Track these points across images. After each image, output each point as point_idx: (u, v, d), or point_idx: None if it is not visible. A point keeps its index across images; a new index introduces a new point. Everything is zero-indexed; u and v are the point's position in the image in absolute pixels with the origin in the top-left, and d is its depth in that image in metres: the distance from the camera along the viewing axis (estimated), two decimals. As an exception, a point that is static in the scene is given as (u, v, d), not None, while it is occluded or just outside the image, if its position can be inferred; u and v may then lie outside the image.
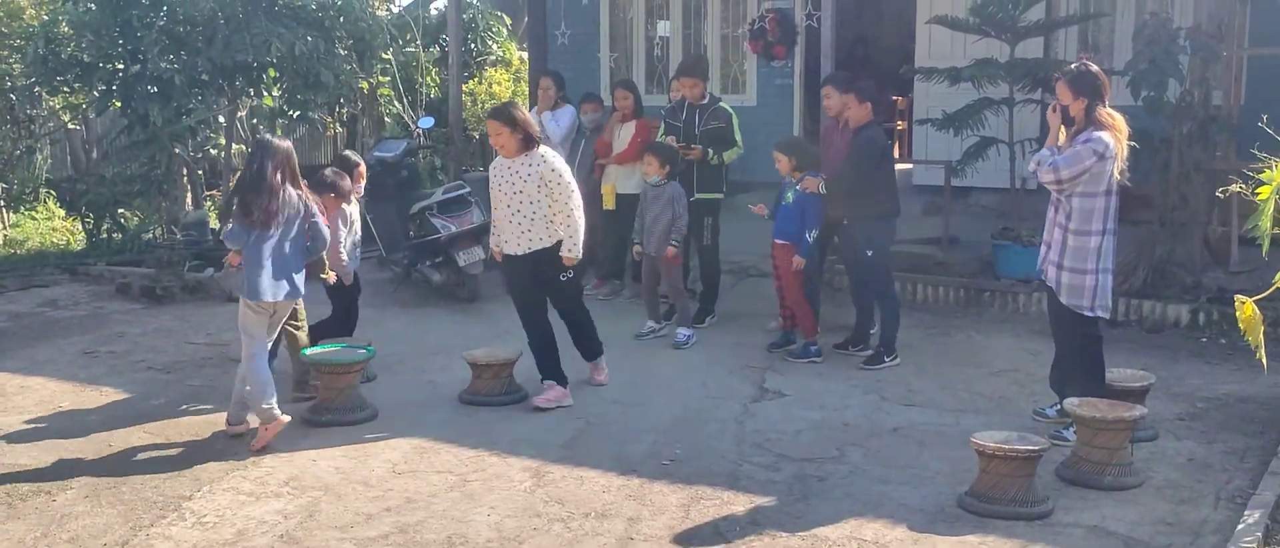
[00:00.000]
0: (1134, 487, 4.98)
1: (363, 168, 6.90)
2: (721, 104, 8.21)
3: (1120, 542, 4.48)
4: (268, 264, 5.50)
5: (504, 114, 6.13)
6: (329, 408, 5.94)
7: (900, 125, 13.28)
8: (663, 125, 8.32)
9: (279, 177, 5.53)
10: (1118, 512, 4.73)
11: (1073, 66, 5.59)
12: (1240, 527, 4.48)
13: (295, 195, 5.62)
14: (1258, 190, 5.75)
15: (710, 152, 7.91)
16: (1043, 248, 5.56)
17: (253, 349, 5.57)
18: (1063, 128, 5.51)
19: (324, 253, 5.94)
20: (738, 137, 8.09)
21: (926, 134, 10.24)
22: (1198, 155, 8.00)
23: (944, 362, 7.10)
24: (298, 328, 6.18)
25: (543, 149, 6.22)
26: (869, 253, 7.02)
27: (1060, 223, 5.41)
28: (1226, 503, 4.85)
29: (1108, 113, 5.39)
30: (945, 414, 6.09)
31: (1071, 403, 5.21)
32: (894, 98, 13.24)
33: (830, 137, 7.68)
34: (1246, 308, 5.25)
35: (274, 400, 5.51)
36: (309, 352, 6.07)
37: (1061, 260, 5.42)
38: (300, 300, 5.90)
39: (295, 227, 5.59)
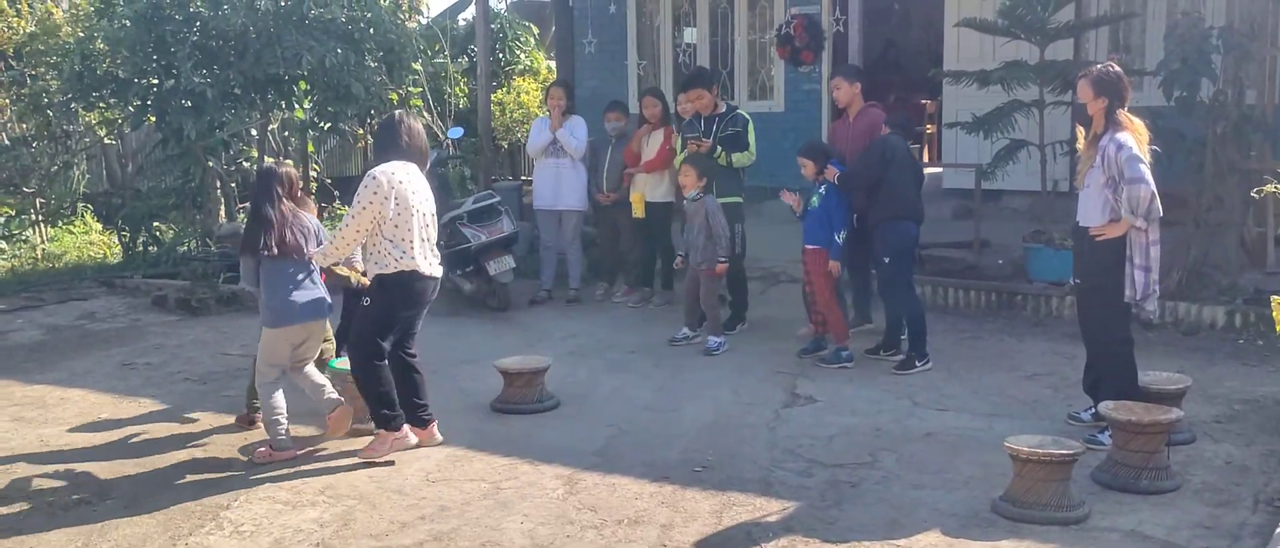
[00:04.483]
0: (1171, 490, 4.93)
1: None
2: (738, 111, 8.26)
3: (1158, 546, 4.44)
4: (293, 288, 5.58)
5: None
6: (358, 417, 5.97)
7: (930, 129, 13.24)
8: (680, 139, 8.34)
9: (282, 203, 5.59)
10: (1155, 516, 4.69)
11: (1097, 67, 5.59)
12: (1279, 530, 4.43)
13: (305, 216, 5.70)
14: (1293, 190, 5.67)
15: (719, 149, 7.93)
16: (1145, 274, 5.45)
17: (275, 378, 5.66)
18: (1080, 129, 5.53)
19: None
20: (752, 142, 8.11)
21: (956, 137, 10.20)
22: (1232, 155, 7.92)
23: (976, 366, 7.06)
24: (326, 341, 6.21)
25: None
26: (886, 259, 7.01)
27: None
28: (1265, 506, 4.79)
29: (1126, 116, 5.37)
30: (978, 419, 6.05)
31: (1107, 406, 5.17)
32: (923, 101, 13.21)
33: (837, 134, 7.80)
34: (1283, 309, 5.20)
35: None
36: (337, 363, 6.11)
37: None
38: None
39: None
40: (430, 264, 5.53)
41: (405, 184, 5.40)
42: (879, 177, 6.94)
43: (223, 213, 11.69)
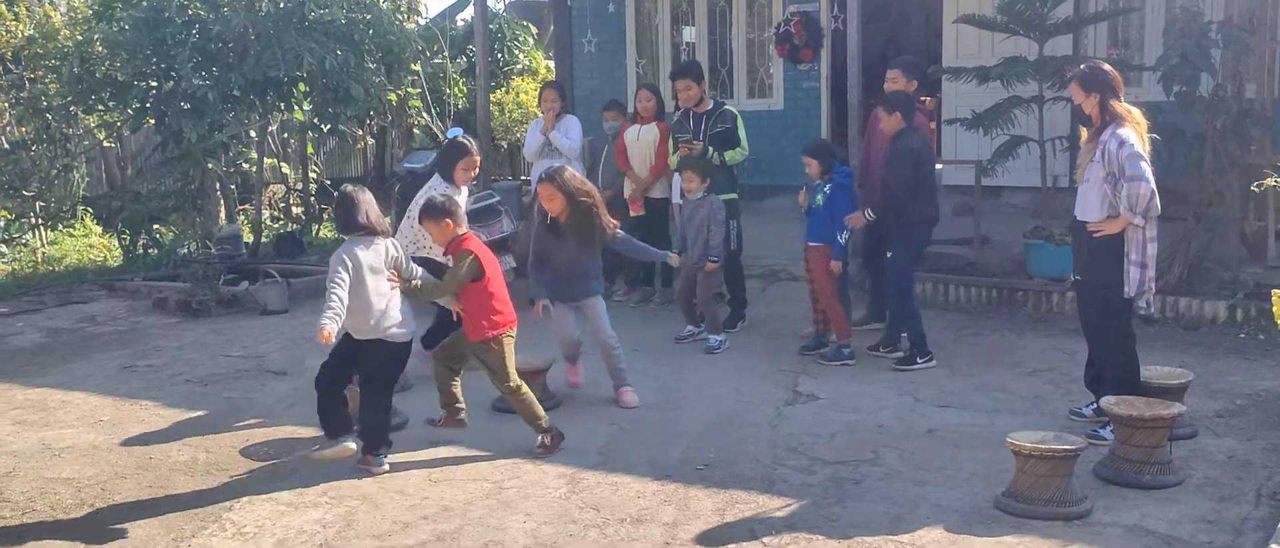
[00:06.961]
0: (1173, 485, 4.94)
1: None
2: (726, 107, 8.24)
3: (1160, 541, 4.44)
4: None
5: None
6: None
7: (929, 125, 13.22)
8: (673, 140, 8.34)
9: None
10: (1157, 510, 4.69)
11: (1082, 66, 5.60)
12: (1283, 524, 4.44)
13: None
14: (1293, 184, 5.66)
15: (711, 149, 7.92)
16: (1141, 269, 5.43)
17: None
18: (1084, 130, 5.53)
19: None
20: (743, 137, 8.09)
21: (956, 134, 10.20)
22: (1232, 150, 7.92)
23: (978, 362, 7.07)
24: None
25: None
26: (888, 254, 6.99)
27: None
28: (1268, 500, 4.79)
29: (1125, 107, 5.37)
30: (980, 415, 6.06)
31: (1108, 401, 5.17)
32: (923, 98, 13.20)
33: (874, 127, 7.66)
34: (1284, 303, 5.20)
35: None
36: None
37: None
38: None
39: None
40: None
41: None
42: (913, 182, 6.87)
43: (223, 215, 11.71)
